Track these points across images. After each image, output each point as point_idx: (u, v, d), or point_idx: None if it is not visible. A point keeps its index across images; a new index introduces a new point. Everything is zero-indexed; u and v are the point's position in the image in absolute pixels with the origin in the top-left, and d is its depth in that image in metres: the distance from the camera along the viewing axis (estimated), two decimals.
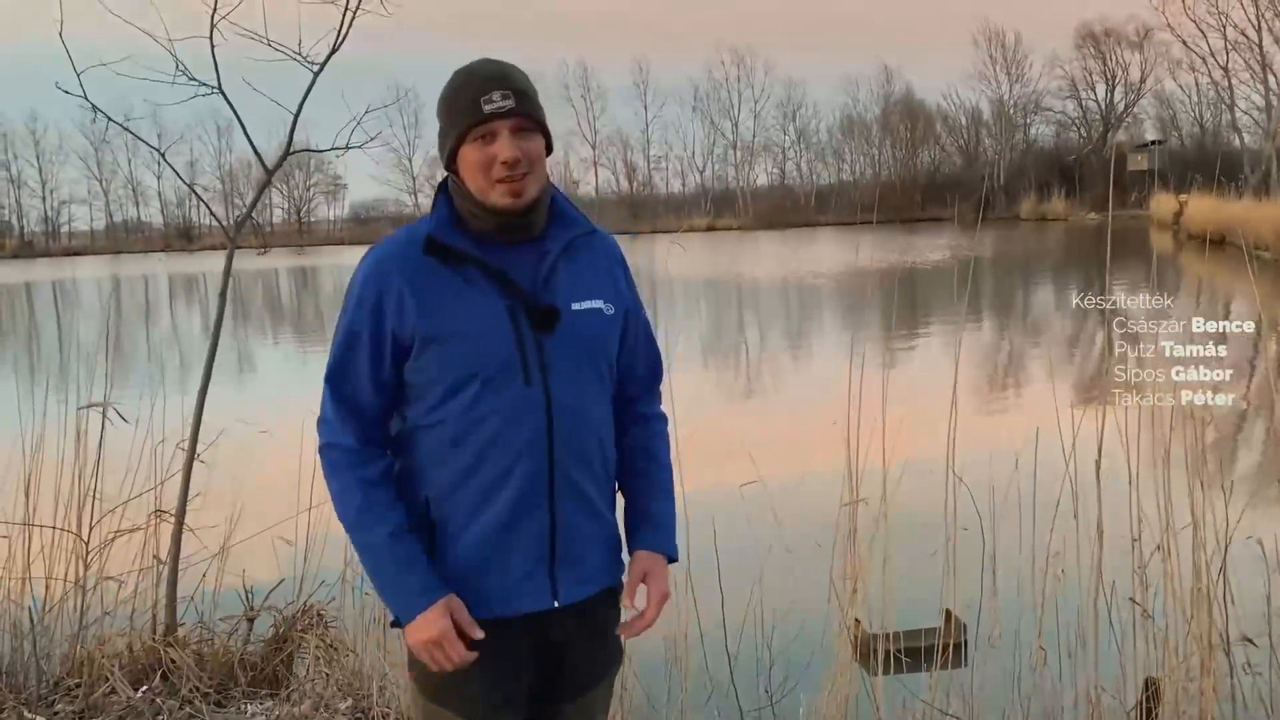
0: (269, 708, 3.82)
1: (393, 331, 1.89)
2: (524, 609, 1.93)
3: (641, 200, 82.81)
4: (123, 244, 79.79)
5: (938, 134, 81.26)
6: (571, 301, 1.93)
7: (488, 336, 1.88)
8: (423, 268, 1.89)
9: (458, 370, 1.88)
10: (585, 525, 1.96)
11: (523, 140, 1.88)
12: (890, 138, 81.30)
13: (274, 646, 4.21)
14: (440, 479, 1.92)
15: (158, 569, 4.26)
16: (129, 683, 3.94)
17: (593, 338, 1.97)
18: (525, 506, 1.90)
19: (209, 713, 3.77)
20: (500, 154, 1.86)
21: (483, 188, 1.89)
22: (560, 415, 1.90)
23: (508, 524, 1.90)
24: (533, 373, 1.89)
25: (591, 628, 2.02)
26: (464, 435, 1.89)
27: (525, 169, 1.88)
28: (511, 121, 1.87)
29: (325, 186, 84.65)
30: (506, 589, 1.92)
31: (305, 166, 79.64)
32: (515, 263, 1.91)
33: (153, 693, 3.90)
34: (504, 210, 1.89)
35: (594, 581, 2.00)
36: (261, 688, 4.06)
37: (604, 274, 2.02)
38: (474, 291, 1.89)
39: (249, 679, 4.07)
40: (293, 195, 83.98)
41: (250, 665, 4.15)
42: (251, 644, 4.26)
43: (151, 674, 4.01)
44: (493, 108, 1.86)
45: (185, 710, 3.81)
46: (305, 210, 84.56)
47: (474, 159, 1.88)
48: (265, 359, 18.48)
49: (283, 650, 4.19)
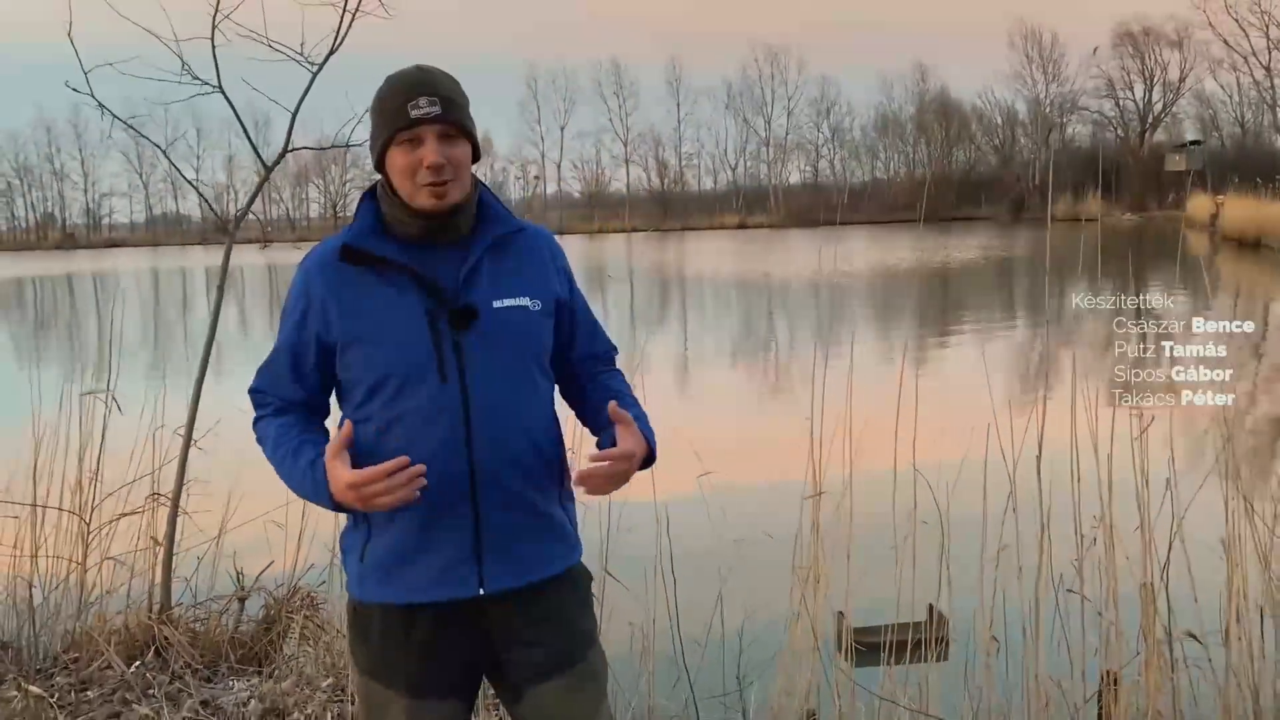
0: (254, 684, 3.97)
1: (317, 336, 2.01)
2: (448, 596, 1.98)
3: (673, 197, 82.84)
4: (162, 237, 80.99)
5: (973, 133, 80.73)
6: (493, 299, 1.98)
7: (404, 337, 1.94)
8: (343, 274, 1.98)
9: (377, 371, 1.96)
10: (515, 521, 1.99)
11: (448, 146, 1.95)
12: (925, 136, 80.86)
13: (264, 626, 4.38)
14: None
15: (154, 550, 4.43)
16: (124, 658, 4.12)
17: (518, 335, 2.00)
18: (444, 504, 1.94)
19: (196, 687, 3.93)
20: (425, 158, 1.93)
21: (408, 191, 1.96)
22: (480, 414, 1.94)
23: (426, 521, 1.95)
24: (449, 372, 1.93)
25: (530, 617, 2.03)
26: (384, 433, 1.96)
27: (449, 175, 1.94)
28: (437, 127, 1.94)
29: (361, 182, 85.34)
30: (428, 579, 1.98)
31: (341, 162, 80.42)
32: (437, 264, 1.98)
33: (145, 668, 4.07)
34: (427, 213, 1.96)
35: (530, 572, 2.02)
36: (250, 665, 4.23)
37: (533, 270, 2.06)
38: (393, 294, 1.96)
39: (238, 656, 4.24)
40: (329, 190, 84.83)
41: (240, 644, 4.32)
42: (243, 624, 4.43)
43: (146, 650, 4.19)
44: (419, 113, 1.92)
45: (175, 685, 3.98)
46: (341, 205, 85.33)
47: (401, 163, 1.95)
48: None
49: (272, 630, 4.36)
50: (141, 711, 3.72)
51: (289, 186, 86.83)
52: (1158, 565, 3.32)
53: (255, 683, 4.00)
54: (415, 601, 2.00)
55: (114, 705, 3.82)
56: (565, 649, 2.06)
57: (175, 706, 3.77)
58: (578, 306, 2.17)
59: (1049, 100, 77.46)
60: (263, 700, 3.82)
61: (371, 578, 2.03)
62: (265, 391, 2.11)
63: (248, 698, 3.86)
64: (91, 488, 4.55)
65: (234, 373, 16.23)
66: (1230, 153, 64.67)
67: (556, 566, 2.07)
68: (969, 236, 48.64)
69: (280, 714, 3.75)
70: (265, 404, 2.11)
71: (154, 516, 4.56)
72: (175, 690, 3.94)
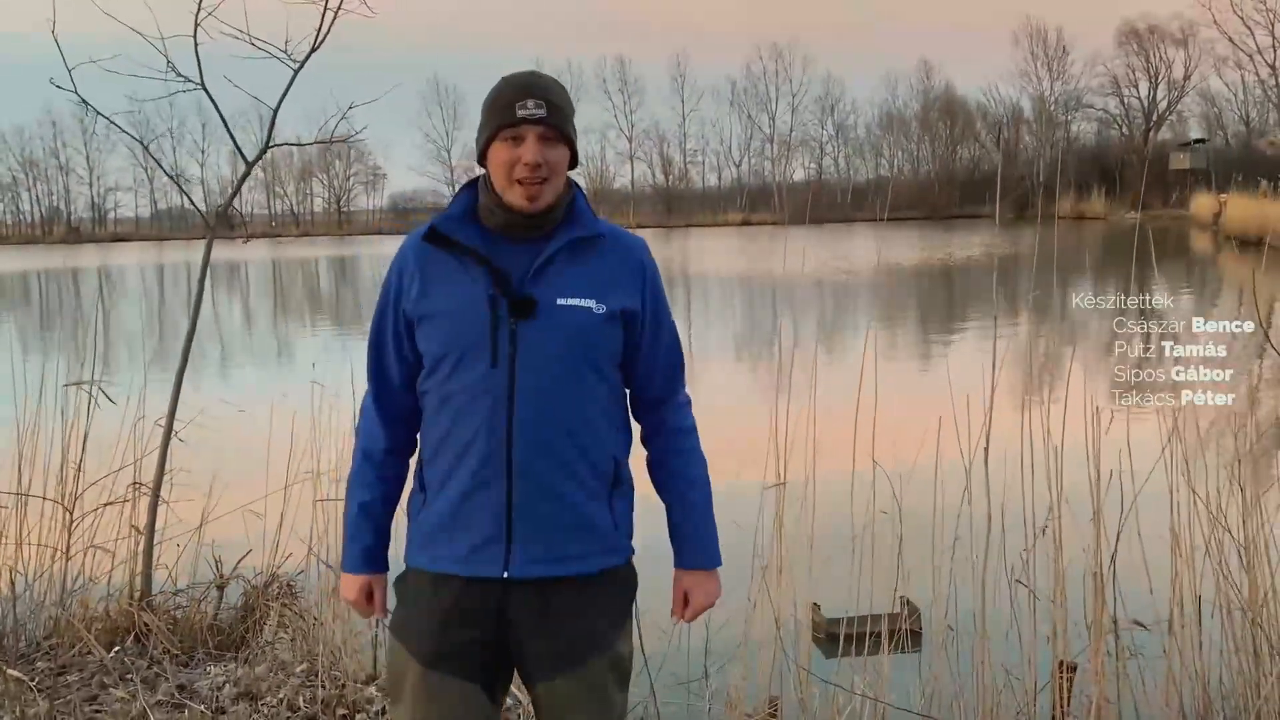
0: (230, 669, 4.07)
1: (405, 309, 2.13)
2: (476, 573, 2.07)
3: (677, 194, 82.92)
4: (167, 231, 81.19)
5: (977, 131, 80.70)
6: (558, 297, 2.06)
7: (465, 318, 2.05)
8: (430, 254, 2.11)
9: (439, 347, 2.08)
10: (546, 510, 2.06)
11: (547, 149, 2.05)
12: (929, 134, 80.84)
13: (242, 614, 4.47)
14: (427, 443, 2.16)
15: (135, 539, 4.53)
16: (105, 644, 4.21)
17: (575, 333, 2.06)
18: (481, 481, 2.05)
19: (173, 672, 4.02)
20: (524, 156, 2.03)
21: (503, 185, 2.06)
22: (524, 401, 2.03)
23: (467, 493, 2.06)
24: (501, 357, 2.03)
25: (549, 609, 2.08)
26: (440, 407, 2.09)
27: (544, 175, 2.04)
28: (540, 129, 2.04)
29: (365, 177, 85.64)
30: (465, 552, 2.08)
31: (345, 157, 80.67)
32: (512, 256, 2.07)
33: (125, 653, 4.16)
34: (517, 209, 2.06)
35: (557, 564, 2.08)
36: (228, 652, 4.32)
37: (607, 275, 2.12)
38: (465, 278, 2.07)
39: (216, 643, 4.33)
40: (333, 185, 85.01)
41: (219, 631, 4.42)
42: (222, 612, 4.52)
43: (126, 636, 4.28)
44: (525, 113, 2.03)
45: (153, 670, 4.07)
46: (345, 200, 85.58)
47: (501, 158, 2.05)
48: (302, 347, 18.84)
49: (250, 618, 4.45)
50: (118, 695, 3.81)
51: (293, 182, 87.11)
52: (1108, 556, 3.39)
53: (232, 668, 4.09)
54: (445, 571, 2.11)
55: (92, 689, 3.91)
56: (573, 649, 2.10)
57: (151, 690, 3.87)
58: (650, 325, 2.19)
59: (1054, 98, 77.45)
60: (237, 685, 3.91)
61: (416, 543, 2.17)
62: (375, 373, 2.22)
63: (223, 682, 3.95)
64: (76, 478, 4.64)
65: (240, 365, 16.39)
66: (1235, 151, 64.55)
67: (586, 565, 2.11)
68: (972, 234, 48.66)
69: (253, 698, 3.84)
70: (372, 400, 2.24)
71: (136, 506, 4.65)
72: (153, 675, 4.03)
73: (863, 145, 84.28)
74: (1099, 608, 3.32)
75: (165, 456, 4.49)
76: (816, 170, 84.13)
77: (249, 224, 78.50)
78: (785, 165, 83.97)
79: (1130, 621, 3.44)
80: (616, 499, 2.17)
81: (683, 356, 2.29)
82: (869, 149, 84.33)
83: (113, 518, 4.69)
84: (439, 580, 2.12)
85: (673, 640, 4.05)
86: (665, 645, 4.03)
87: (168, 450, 4.49)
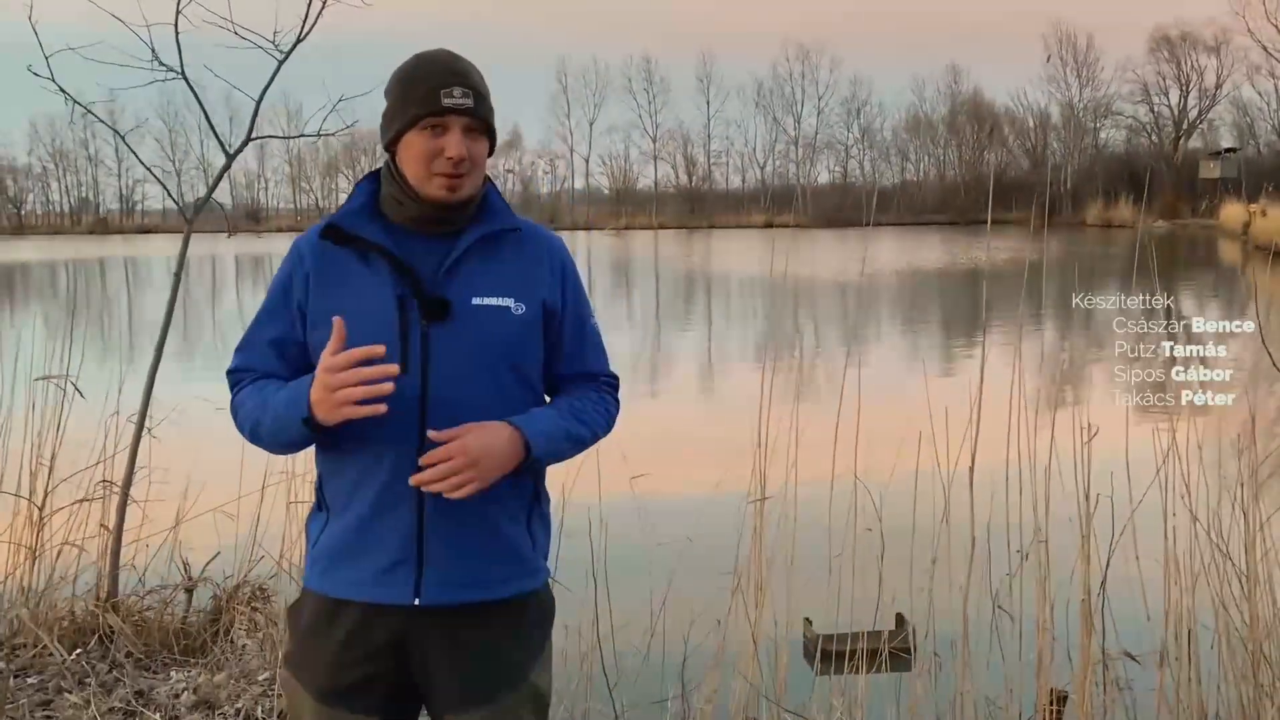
0: (192, 675, 3.95)
1: (298, 305, 1.95)
2: (383, 599, 1.90)
3: (700, 195, 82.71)
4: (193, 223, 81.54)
5: (1005, 136, 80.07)
6: (472, 296, 1.90)
7: (372, 320, 1.86)
8: (329, 252, 1.93)
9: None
10: (462, 533, 1.89)
11: (471, 141, 1.89)
12: (956, 138, 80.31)
13: (211, 618, 4.36)
14: (328, 457, 1.97)
15: (103, 538, 4.42)
16: (68, 646, 4.10)
17: (492, 335, 1.90)
18: (390, 498, 1.88)
19: (133, 676, 3.91)
20: (449, 149, 1.87)
21: (420, 177, 1.89)
22: (436, 410, 1.86)
23: (373, 513, 1.89)
24: (411, 363, 1.86)
25: (459, 639, 1.92)
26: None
27: (467, 169, 1.89)
28: (465, 120, 1.88)
29: None
30: (370, 577, 1.90)
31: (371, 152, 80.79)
32: (421, 253, 1.91)
33: (87, 656, 4.05)
34: (434, 201, 1.90)
35: (471, 591, 1.91)
36: (193, 656, 4.21)
37: (524, 272, 1.96)
38: (370, 276, 1.90)
39: (182, 647, 4.22)
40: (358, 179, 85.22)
41: (187, 634, 4.30)
42: (191, 615, 4.41)
43: (90, 638, 4.18)
44: (452, 103, 1.86)
45: (113, 674, 3.96)
46: None
47: (419, 148, 1.88)
48: None
49: (218, 622, 4.33)
50: (72, 700, 3.70)
51: (319, 176, 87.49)
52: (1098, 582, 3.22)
53: (194, 674, 3.98)
54: (344, 598, 1.93)
55: (48, 693, 3.81)
56: (487, 682, 1.94)
57: (108, 694, 3.76)
58: (571, 318, 2.04)
59: (1083, 104, 76.73)
60: (196, 692, 3.80)
61: (317, 565, 1.97)
62: (246, 369, 2.00)
63: (182, 689, 3.83)
64: (47, 474, 4.54)
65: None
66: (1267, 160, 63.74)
67: (503, 590, 1.95)
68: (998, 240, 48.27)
69: (211, 706, 3.72)
70: (242, 381, 2.00)
71: (108, 504, 4.54)
72: (112, 679, 3.92)
73: (889, 148, 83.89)
74: (1086, 636, 3.14)
75: (135, 454, 4.38)
76: (842, 173, 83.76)
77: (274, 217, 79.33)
78: (810, 168, 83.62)
79: (1122, 652, 3.26)
80: (535, 518, 2.00)
81: (606, 355, 2.11)
82: (894, 153, 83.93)
83: (84, 516, 4.59)
84: (337, 607, 1.93)
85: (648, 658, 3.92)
86: (639, 663, 3.90)
87: (138, 448, 4.38)
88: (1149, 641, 3.45)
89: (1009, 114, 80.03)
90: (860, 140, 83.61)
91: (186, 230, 4.52)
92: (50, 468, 4.55)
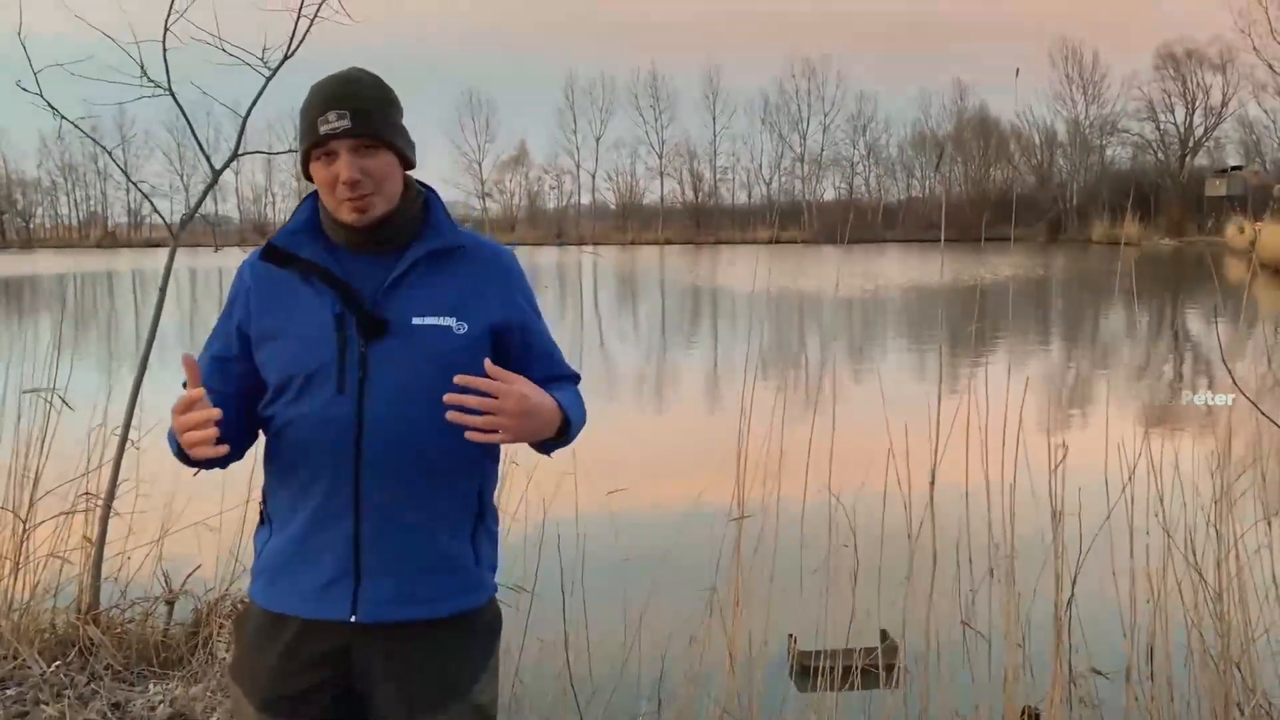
0: (169, 687, 3.96)
1: (239, 326, 1.98)
2: (320, 615, 1.91)
3: (706, 211, 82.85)
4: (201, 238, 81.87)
5: (1010, 153, 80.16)
6: (413, 315, 1.90)
7: (309, 340, 1.89)
8: (271, 271, 1.96)
9: (281, 370, 1.92)
10: (400, 550, 1.90)
11: (364, 158, 1.88)
12: (962, 155, 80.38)
13: (191, 630, 4.37)
14: (271, 472, 1.99)
15: (86, 551, 4.44)
16: (49, 658, 4.12)
17: (433, 356, 1.89)
18: (327, 515, 1.89)
19: (111, 689, 3.92)
20: (340, 174, 1.87)
21: (332, 204, 1.91)
22: (372, 431, 1.86)
23: (310, 529, 1.91)
24: (349, 383, 1.87)
25: (399, 654, 1.92)
26: (281, 433, 1.94)
27: (369, 188, 1.88)
28: (349, 141, 1.87)
29: None
30: (309, 593, 1.91)
31: None
32: (361, 272, 1.92)
33: (66, 668, 4.07)
34: (350, 226, 1.91)
35: (409, 606, 1.91)
36: (173, 669, 4.22)
37: (469, 290, 1.95)
38: (310, 295, 1.91)
39: (161, 660, 4.23)
40: None
41: (168, 647, 4.32)
42: (172, 628, 4.42)
43: (70, 650, 4.19)
44: (328, 129, 1.86)
45: (91, 686, 3.97)
46: None
47: (320, 177, 1.91)
48: None
49: (198, 635, 4.34)
50: (48, 712, 3.72)
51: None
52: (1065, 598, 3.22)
53: (172, 686, 3.99)
54: (284, 612, 1.94)
55: (24, 705, 3.82)
56: (427, 697, 1.92)
57: (84, 707, 3.77)
58: (530, 331, 2.03)
59: (1089, 121, 76.79)
60: (172, 705, 3.81)
61: (260, 579, 1.99)
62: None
63: (159, 701, 3.84)
64: (32, 486, 4.56)
65: None
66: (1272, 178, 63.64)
67: (443, 608, 1.94)
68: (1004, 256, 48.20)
69: (186, 719, 3.73)
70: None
71: (91, 517, 4.56)
72: (89, 692, 3.93)
73: (894, 165, 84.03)
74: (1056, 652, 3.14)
75: (119, 467, 4.40)
76: (848, 189, 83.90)
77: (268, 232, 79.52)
78: (815, 184, 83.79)
79: (1089, 669, 3.26)
80: (480, 534, 2.00)
81: (561, 355, 2.09)
82: (900, 169, 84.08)
83: (68, 529, 4.61)
84: (277, 621, 1.94)
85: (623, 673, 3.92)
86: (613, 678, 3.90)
87: (121, 461, 4.41)
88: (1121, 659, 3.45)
89: (1014, 130, 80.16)
90: (866, 157, 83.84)
91: (173, 245, 4.56)
92: (35, 480, 4.58)
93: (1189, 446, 3.54)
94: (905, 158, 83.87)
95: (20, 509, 4.51)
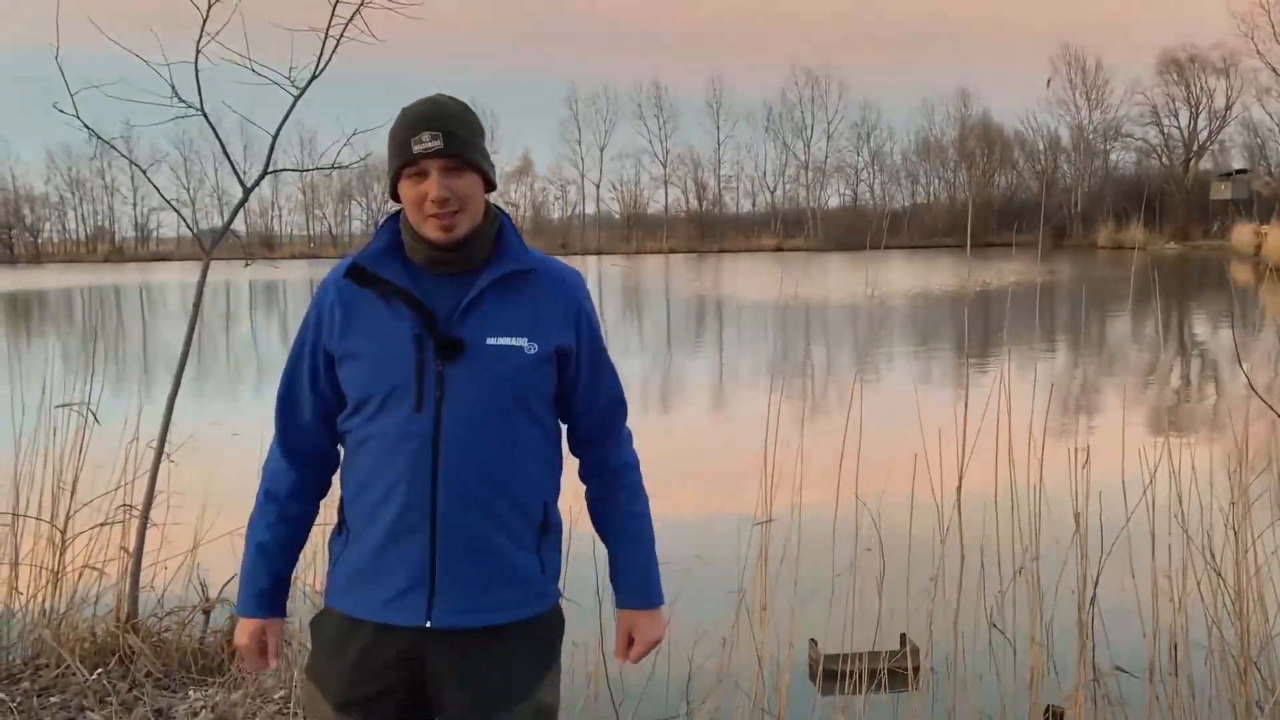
0: (210, 693, 4.05)
1: (324, 345, 2.07)
2: (393, 621, 2.01)
3: (711, 219, 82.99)
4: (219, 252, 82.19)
5: (1014, 159, 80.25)
6: (487, 336, 1.98)
7: (389, 359, 1.98)
8: (353, 290, 2.04)
9: (361, 388, 2.01)
10: (471, 560, 1.99)
11: (452, 179, 1.97)
12: (966, 161, 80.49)
13: (227, 638, 4.46)
14: (349, 483, 2.09)
15: (123, 561, 4.53)
16: (90, 667, 4.21)
17: (506, 375, 1.98)
18: (403, 528, 1.98)
19: (152, 695, 4.01)
20: (429, 192, 1.96)
21: (417, 221, 2.00)
22: (449, 448, 1.96)
23: (387, 542, 2.00)
24: (426, 401, 1.96)
25: (467, 658, 2.02)
26: (361, 449, 2.04)
27: (455, 206, 1.97)
28: (440, 161, 1.97)
29: None
30: (385, 600, 2.01)
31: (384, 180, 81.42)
32: (439, 293, 2.00)
33: (108, 676, 4.15)
34: (436, 244, 2.00)
35: (480, 615, 2.01)
36: (212, 676, 4.30)
37: (539, 312, 2.04)
38: (389, 315, 2.00)
39: (199, 667, 4.32)
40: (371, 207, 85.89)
41: (204, 655, 4.41)
42: (208, 635, 4.52)
43: (110, 658, 4.28)
44: (421, 148, 1.95)
45: (133, 693, 4.06)
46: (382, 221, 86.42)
47: (408, 195, 2.00)
48: None
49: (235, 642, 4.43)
50: (94, 718, 3.80)
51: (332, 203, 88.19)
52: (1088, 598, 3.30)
53: (211, 693, 4.08)
54: (359, 617, 2.04)
55: (70, 712, 3.91)
56: (494, 699, 2.02)
57: (128, 713, 3.86)
58: (588, 363, 2.12)
59: (1092, 127, 76.88)
60: (214, 710, 3.89)
61: (337, 585, 2.09)
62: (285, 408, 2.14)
63: (200, 708, 3.93)
64: (69, 499, 4.65)
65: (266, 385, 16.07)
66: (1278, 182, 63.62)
67: (510, 615, 2.04)
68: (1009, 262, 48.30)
69: None
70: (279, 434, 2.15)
71: (128, 528, 4.66)
72: (132, 699, 4.02)
73: (899, 172, 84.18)
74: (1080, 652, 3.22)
75: (155, 479, 4.49)
76: (852, 197, 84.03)
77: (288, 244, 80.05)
78: (820, 191, 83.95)
79: (1113, 667, 3.34)
80: (545, 544, 2.10)
81: (623, 394, 2.20)
82: (904, 176, 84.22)
83: (107, 540, 4.70)
84: (353, 626, 2.05)
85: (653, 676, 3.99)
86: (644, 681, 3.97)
87: (157, 472, 4.50)
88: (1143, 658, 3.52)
89: (1019, 136, 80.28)
90: (870, 164, 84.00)
91: (205, 261, 4.66)
92: (71, 492, 4.67)
93: (1206, 450, 3.61)
94: (910, 164, 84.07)
95: (57, 520, 4.61)
